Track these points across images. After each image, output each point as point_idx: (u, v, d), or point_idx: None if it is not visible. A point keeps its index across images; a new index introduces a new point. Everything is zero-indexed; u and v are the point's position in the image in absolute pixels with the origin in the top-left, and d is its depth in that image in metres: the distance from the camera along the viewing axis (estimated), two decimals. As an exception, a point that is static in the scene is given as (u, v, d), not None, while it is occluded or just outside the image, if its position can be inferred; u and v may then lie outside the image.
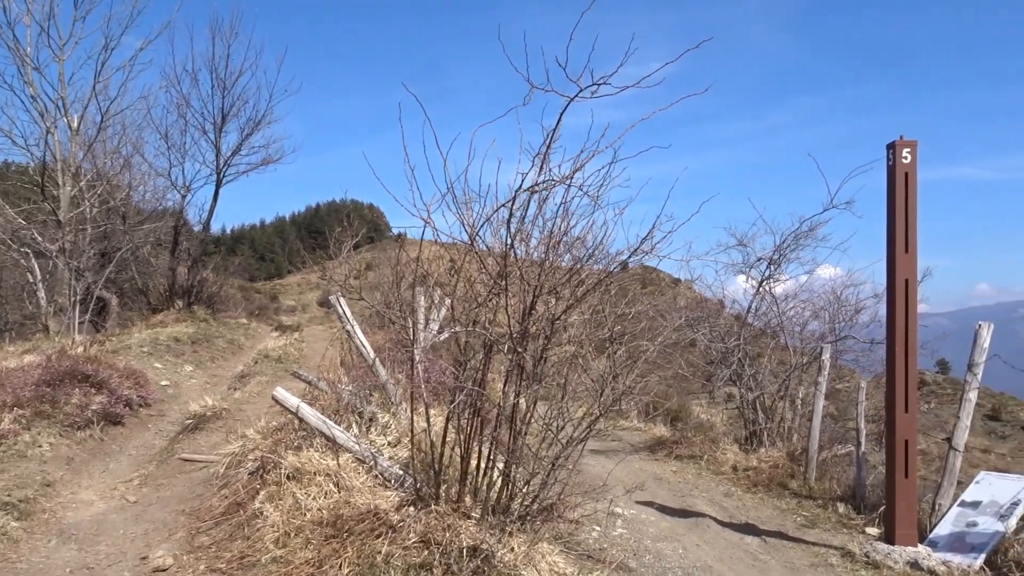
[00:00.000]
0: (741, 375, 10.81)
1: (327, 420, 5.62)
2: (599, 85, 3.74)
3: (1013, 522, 6.14)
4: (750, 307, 11.39)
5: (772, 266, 11.15)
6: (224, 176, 22.95)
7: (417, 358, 4.99)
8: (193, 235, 24.02)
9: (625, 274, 6.90)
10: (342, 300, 7.28)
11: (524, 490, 4.88)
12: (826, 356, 9.21)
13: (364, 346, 7.10)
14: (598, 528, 6.16)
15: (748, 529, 7.03)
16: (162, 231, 22.54)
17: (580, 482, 5.39)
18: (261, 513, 5.12)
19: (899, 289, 6.21)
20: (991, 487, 6.63)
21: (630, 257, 4.49)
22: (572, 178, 4.28)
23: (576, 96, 3.83)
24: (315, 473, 5.36)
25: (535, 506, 4.86)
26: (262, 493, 5.43)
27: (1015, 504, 6.26)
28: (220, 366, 15.44)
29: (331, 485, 5.18)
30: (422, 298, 7.80)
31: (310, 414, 5.59)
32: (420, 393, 4.98)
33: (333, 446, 5.51)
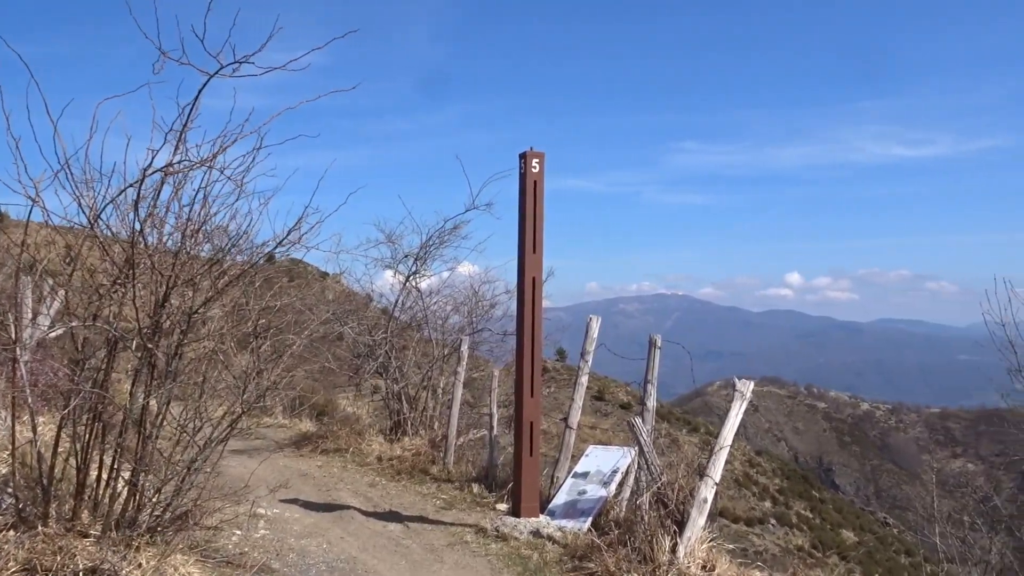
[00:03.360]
0: (387, 367, 11.10)
1: None
2: (241, 63, 3.55)
3: (613, 487, 7.15)
4: (397, 301, 11.75)
5: (418, 262, 11.63)
6: None
7: (20, 358, 4.29)
8: None
9: (271, 266, 6.68)
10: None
11: (155, 499, 4.48)
12: (465, 347, 9.86)
13: (-52, 345, 5.92)
14: (239, 532, 5.88)
15: (392, 516, 7.24)
16: None
17: (220, 485, 5.09)
18: None
19: (527, 286, 6.86)
20: (597, 458, 7.63)
21: (276, 248, 4.35)
22: (213, 161, 4.02)
23: (216, 73, 3.59)
24: None
25: (167, 515, 4.49)
26: None
27: (615, 472, 7.29)
28: None
29: None
30: (28, 289, 6.74)
31: None
32: (24, 398, 4.29)
33: (-99, 468, 4.52)
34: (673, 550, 5.38)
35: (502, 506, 7.61)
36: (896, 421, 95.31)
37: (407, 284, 11.70)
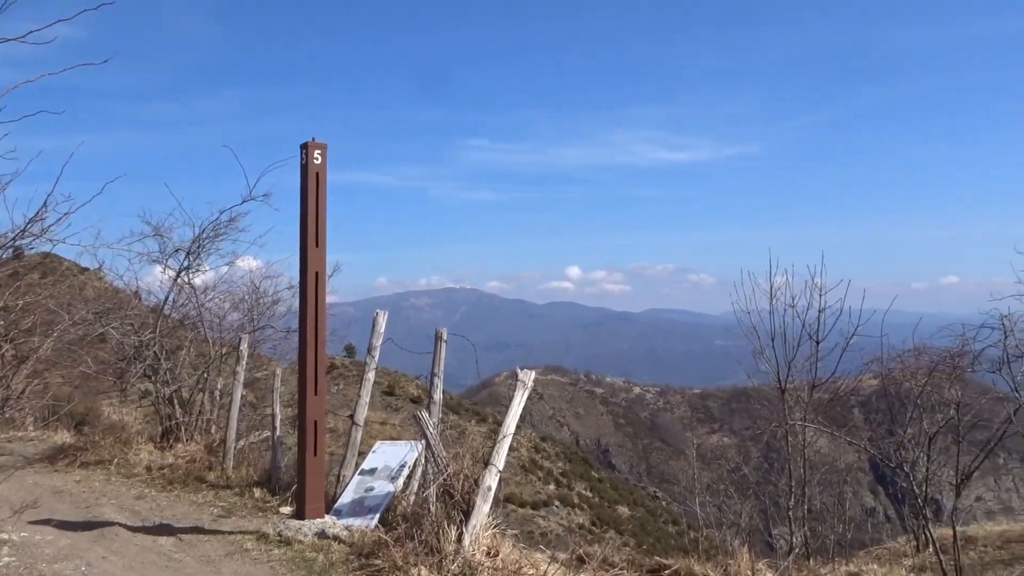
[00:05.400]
0: (157, 369, 10.31)
1: None
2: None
3: (401, 482, 7.14)
4: (167, 299, 10.94)
5: (191, 257, 10.90)
6: None
7: None
8: None
9: (17, 262, 5.99)
10: None
11: None
12: (244, 346, 9.39)
13: None
14: (-24, 562, 5.20)
15: (162, 530, 6.74)
16: None
17: (-51, 511, 4.47)
18: None
19: (310, 281, 6.65)
20: (385, 454, 7.58)
21: (15, 241, 3.87)
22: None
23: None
24: None
25: None
26: None
27: (403, 466, 7.28)
28: None
29: None
30: None
31: None
32: None
33: None
34: (459, 539, 5.47)
35: (286, 509, 7.35)
36: (664, 403, 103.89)
37: (178, 280, 10.93)
